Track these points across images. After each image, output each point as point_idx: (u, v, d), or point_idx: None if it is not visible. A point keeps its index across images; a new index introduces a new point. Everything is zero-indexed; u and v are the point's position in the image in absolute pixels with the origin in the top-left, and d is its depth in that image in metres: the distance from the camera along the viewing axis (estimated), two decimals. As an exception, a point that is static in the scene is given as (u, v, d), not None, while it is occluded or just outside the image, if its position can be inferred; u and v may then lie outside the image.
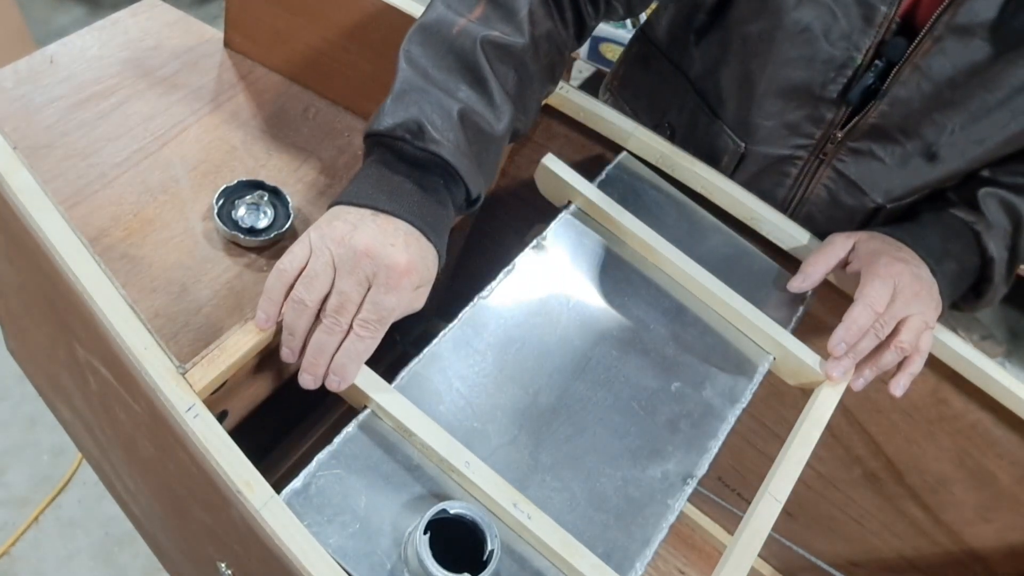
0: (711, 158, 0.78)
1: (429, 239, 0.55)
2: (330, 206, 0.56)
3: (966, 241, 0.69)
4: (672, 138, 0.83)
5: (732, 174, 0.79)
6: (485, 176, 0.59)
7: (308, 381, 0.54)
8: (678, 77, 0.81)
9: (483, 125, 0.58)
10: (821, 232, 0.73)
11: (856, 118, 0.70)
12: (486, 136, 0.59)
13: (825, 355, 0.65)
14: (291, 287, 0.53)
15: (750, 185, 0.76)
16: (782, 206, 0.77)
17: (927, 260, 0.67)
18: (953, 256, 0.68)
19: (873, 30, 0.65)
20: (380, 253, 0.52)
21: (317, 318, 0.53)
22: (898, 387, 0.64)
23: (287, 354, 0.55)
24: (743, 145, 0.76)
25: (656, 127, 0.84)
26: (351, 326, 0.53)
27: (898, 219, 0.77)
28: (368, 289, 0.53)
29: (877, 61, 0.66)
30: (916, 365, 0.65)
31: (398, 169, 0.56)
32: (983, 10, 0.61)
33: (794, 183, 0.77)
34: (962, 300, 0.74)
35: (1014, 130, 0.67)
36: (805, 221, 0.75)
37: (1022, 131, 0.67)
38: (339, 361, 0.53)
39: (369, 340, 0.53)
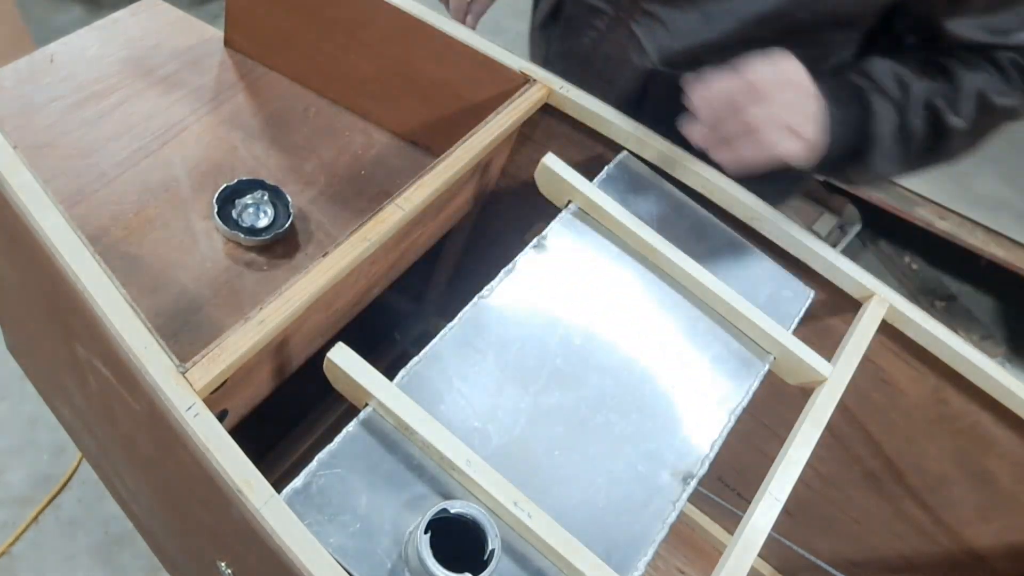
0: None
1: None
2: None
3: (851, 93, 0.68)
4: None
5: (553, 24, 0.86)
6: None
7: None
8: None
9: None
10: (616, 93, 0.80)
11: None
12: None
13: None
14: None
15: (564, 37, 0.84)
16: (592, 65, 0.83)
17: (818, 86, 0.64)
18: (839, 100, 0.66)
19: None
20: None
21: None
22: (719, 157, 0.62)
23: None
24: None
25: None
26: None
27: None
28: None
29: None
30: (749, 150, 0.61)
31: None
32: None
33: (600, 37, 0.81)
34: (850, 165, 0.71)
35: None
36: (608, 84, 0.80)
37: None
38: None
39: None
